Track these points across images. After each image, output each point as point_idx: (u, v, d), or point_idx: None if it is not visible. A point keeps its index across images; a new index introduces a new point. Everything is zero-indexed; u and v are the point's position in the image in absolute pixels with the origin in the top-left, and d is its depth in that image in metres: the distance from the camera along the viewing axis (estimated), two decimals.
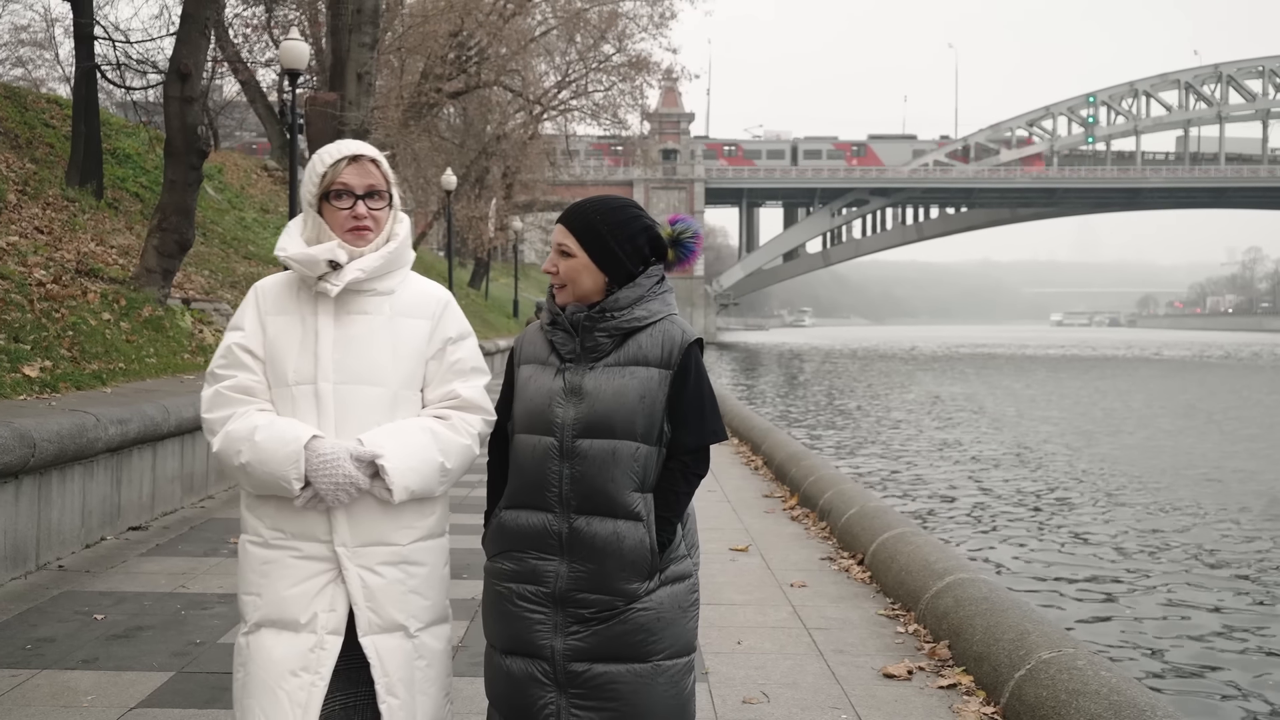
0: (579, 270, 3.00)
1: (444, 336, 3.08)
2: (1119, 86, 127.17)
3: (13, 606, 6.16)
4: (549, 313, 3.07)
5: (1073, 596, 11.58)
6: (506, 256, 68.14)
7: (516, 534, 3.00)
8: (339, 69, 19.41)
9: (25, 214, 14.02)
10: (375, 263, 2.96)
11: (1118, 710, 4.10)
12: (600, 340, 2.97)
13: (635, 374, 2.94)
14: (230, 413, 2.93)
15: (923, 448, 25.28)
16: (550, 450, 2.94)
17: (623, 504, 2.92)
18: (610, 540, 2.91)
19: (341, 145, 2.99)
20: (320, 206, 2.98)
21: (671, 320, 3.03)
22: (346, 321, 2.97)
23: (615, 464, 2.91)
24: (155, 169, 22.38)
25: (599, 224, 3.00)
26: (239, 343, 2.98)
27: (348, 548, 2.92)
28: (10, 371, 8.27)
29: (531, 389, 3.01)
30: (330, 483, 2.82)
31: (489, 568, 3.11)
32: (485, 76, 43.15)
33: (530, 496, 2.98)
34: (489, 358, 30.17)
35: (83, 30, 18.83)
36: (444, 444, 2.98)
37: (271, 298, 3.03)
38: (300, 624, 2.90)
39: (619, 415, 2.91)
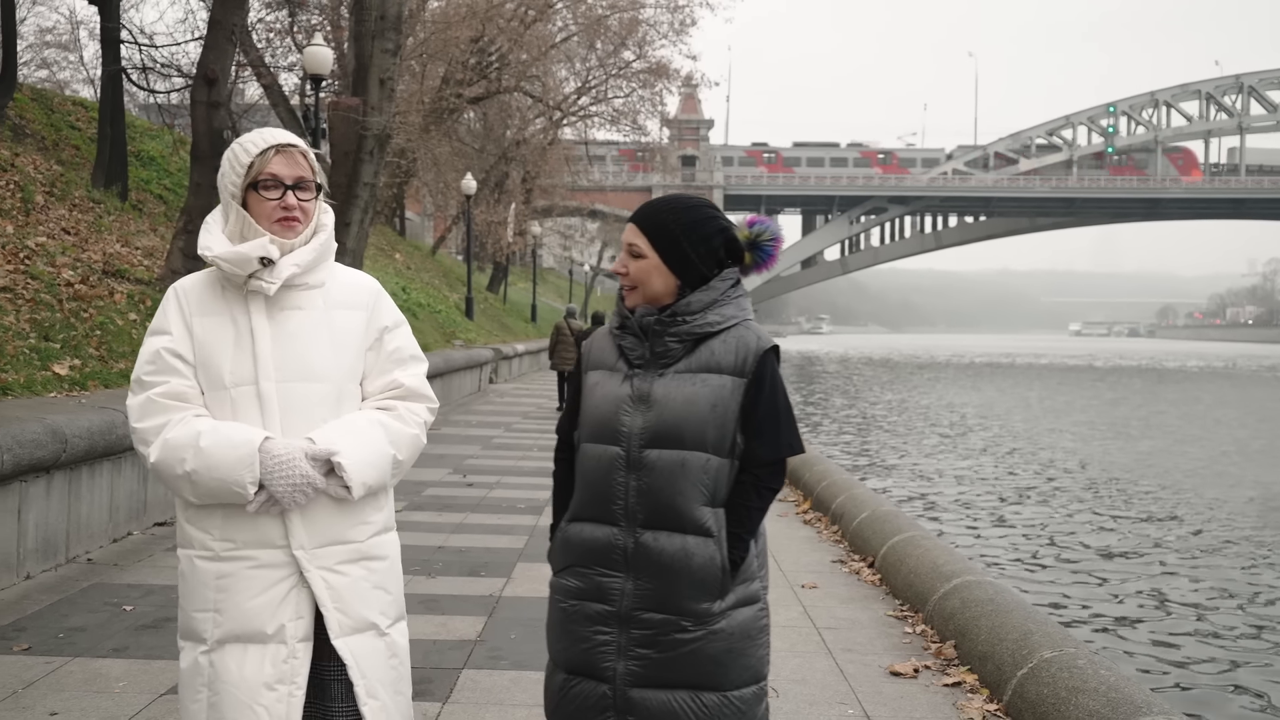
0: (649, 272, 2.87)
1: (380, 325, 2.99)
2: (1139, 96, 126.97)
3: (45, 597, 6.34)
4: (617, 315, 2.96)
5: (1078, 599, 11.70)
6: (525, 261, 68.30)
7: (581, 549, 2.88)
8: (361, 74, 19.58)
9: (53, 215, 14.23)
10: (308, 256, 2.87)
11: (1115, 706, 4.23)
12: (671, 345, 2.84)
13: (707, 381, 2.81)
14: (165, 420, 2.78)
15: (936, 454, 25.35)
16: (616, 460, 2.82)
17: (692, 518, 2.78)
18: (678, 556, 2.78)
19: (267, 134, 2.88)
20: (245, 198, 2.85)
21: (746, 326, 2.89)
22: (281, 318, 2.85)
23: (684, 476, 2.77)
24: (178, 171, 22.64)
25: (672, 224, 2.87)
26: (166, 347, 2.83)
27: (306, 550, 2.81)
28: (41, 369, 8.46)
29: (598, 396, 2.89)
30: (287, 484, 2.72)
31: (554, 584, 2.98)
32: (506, 82, 43.34)
33: (595, 509, 2.86)
34: (506, 362, 30.35)
35: (109, 34, 19.09)
36: (394, 436, 2.91)
37: (195, 299, 2.88)
38: (268, 635, 2.79)
39: (689, 424, 2.77)
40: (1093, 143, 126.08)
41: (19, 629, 5.71)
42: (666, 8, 47.26)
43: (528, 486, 11.24)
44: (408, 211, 52.24)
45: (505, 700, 4.93)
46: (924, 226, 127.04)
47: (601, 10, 46.15)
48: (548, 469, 12.48)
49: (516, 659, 5.52)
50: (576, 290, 78.70)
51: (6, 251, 11.04)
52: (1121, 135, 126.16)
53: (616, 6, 46.13)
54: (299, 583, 2.81)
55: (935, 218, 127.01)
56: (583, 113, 50.20)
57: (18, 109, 19.05)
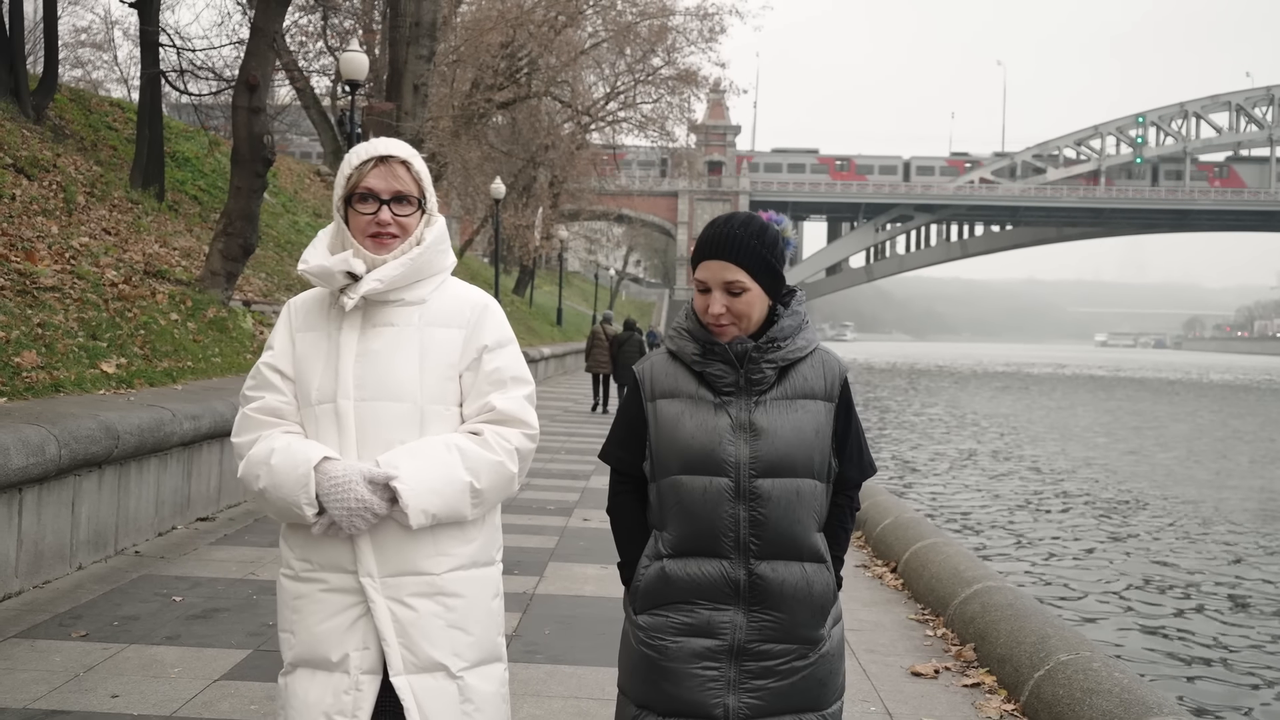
0: (753, 305, 2.79)
1: (479, 345, 2.83)
2: (1169, 107, 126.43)
3: (97, 587, 6.60)
4: (697, 343, 2.83)
5: (1097, 602, 11.84)
6: (551, 264, 68.62)
7: (687, 585, 2.77)
8: (395, 80, 19.90)
9: (93, 215, 14.53)
10: (395, 272, 2.75)
11: (1127, 707, 4.42)
12: (766, 372, 2.78)
13: (807, 408, 2.79)
14: (255, 436, 2.77)
15: (956, 461, 25.46)
16: (724, 492, 2.73)
17: (809, 546, 2.77)
18: (800, 585, 2.75)
19: (372, 145, 2.81)
20: (346, 211, 2.80)
21: (825, 350, 2.90)
22: (371, 335, 2.77)
23: (800, 504, 2.75)
24: (213, 172, 23.00)
25: (758, 247, 2.78)
26: (268, 362, 2.83)
27: (374, 578, 2.70)
28: (89, 368, 8.73)
29: (690, 426, 2.77)
30: (343, 508, 2.62)
31: (646, 623, 2.82)
32: (535, 87, 43.69)
33: (701, 543, 2.76)
34: (532, 365, 30.60)
35: (148, 38, 19.42)
36: (473, 462, 2.72)
37: (302, 314, 2.87)
38: (333, 663, 2.71)
39: (799, 452, 2.75)
40: (1121, 153, 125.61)
41: (75, 616, 5.97)
42: (696, 15, 47.58)
43: (557, 489, 11.46)
44: None
45: (542, 692, 5.15)
46: (950, 235, 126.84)
47: (631, 17, 46.45)
48: (576, 471, 12.78)
49: (551, 653, 5.74)
50: (601, 294, 78.97)
51: (53, 251, 11.33)
52: (1150, 146, 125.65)
53: (646, 13, 46.43)
54: (367, 612, 2.71)
55: (962, 226, 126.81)
56: (611, 118, 50.49)
57: (57, 109, 19.42)
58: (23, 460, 6.02)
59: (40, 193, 13.60)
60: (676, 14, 47.57)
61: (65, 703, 4.67)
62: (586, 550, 8.39)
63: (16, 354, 8.06)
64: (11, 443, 5.95)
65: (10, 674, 4.99)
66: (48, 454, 6.26)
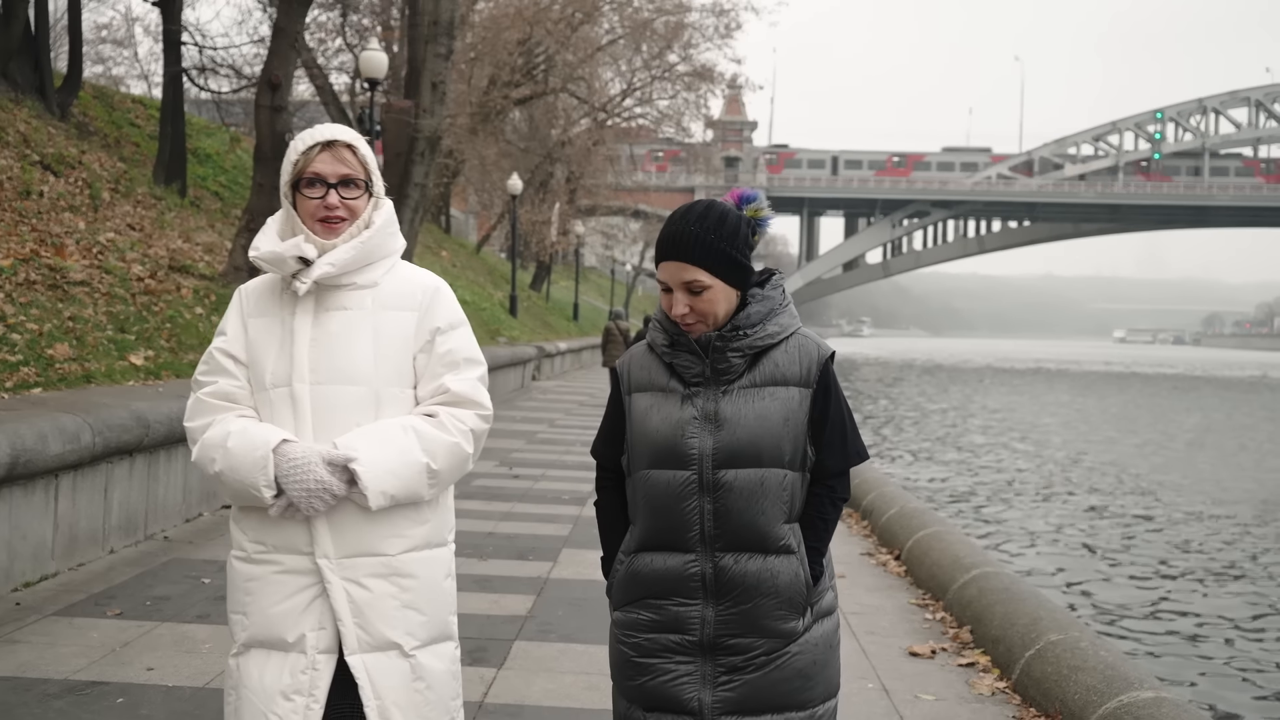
0: (717, 301, 2.74)
1: (431, 327, 2.86)
2: (1187, 103, 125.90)
3: (129, 569, 6.88)
4: (666, 334, 2.80)
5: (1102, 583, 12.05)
6: (567, 260, 68.89)
7: (653, 580, 2.76)
8: (414, 78, 20.16)
9: (118, 211, 14.83)
10: (346, 255, 2.78)
11: (1109, 682, 4.65)
12: (733, 361, 2.73)
13: (775, 395, 2.72)
14: (209, 420, 2.79)
15: (966, 454, 25.64)
16: (688, 485, 2.70)
17: (774, 537, 2.71)
18: (764, 577, 2.70)
19: (316, 130, 2.82)
20: (294, 197, 2.82)
21: (803, 334, 2.83)
22: (325, 319, 2.80)
23: (764, 495, 2.69)
24: (233, 169, 23.32)
25: (715, 240, 2.71)
26: (220, 347, 2.85)
27: (330, 559, 2.74)
28: (119, 360, 9.02)
29: (656, 420, 2.76)
30: (301, 489, 2.65)
31: (619, 619, 2.85)
32: (552, 83, 43.95)
33: (667, 537, 2.75)
34: (549, 360, 30.87)
35: (171, 36, 19.78)
36: (429, 443, 2.77)
37: (254, 300, 2.88)
38: (289, 644, 2.75)
39: (765, 441, 2.69)
40: (1139, 149, 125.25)
41: (109, 596, 6.25)
42: (712, 11, 47.70)
43: (571, 479, 11.72)
44: (452, 209, 52.93)
45: (554, 668, 5.41)
46: (967, 230, 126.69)
47: (648, 13, 46.62)
48: (589, 463, 13.00)
49: (564, 632, 5.99)
50: (618, 290, 79.22)
51: (81, 247, 11.63)
52: (1169, 142, 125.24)
53: (663, 10, 46.59)
54: (323, 593, 2.75)
55: (979, 222, 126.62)
56: (628, 114, 50.71)
57: (81, 106, 19.72)
58: (60, 447, 6.30)
59: (67, 189, 13.90)
60: (693, 10, 47.73)
61: (105, 674, 4.95)
62: (598, 538, 8.64)
63: (49, 346, 8.35)
64: (50, 430, 6.23)
65: (52, 648, 5.27)
66: (83, 442, 6.55)
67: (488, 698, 4.94)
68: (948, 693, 5.31)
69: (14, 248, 10.21)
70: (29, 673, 4.91)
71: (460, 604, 3.11)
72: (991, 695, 5.27)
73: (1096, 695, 4.61)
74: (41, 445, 6.12)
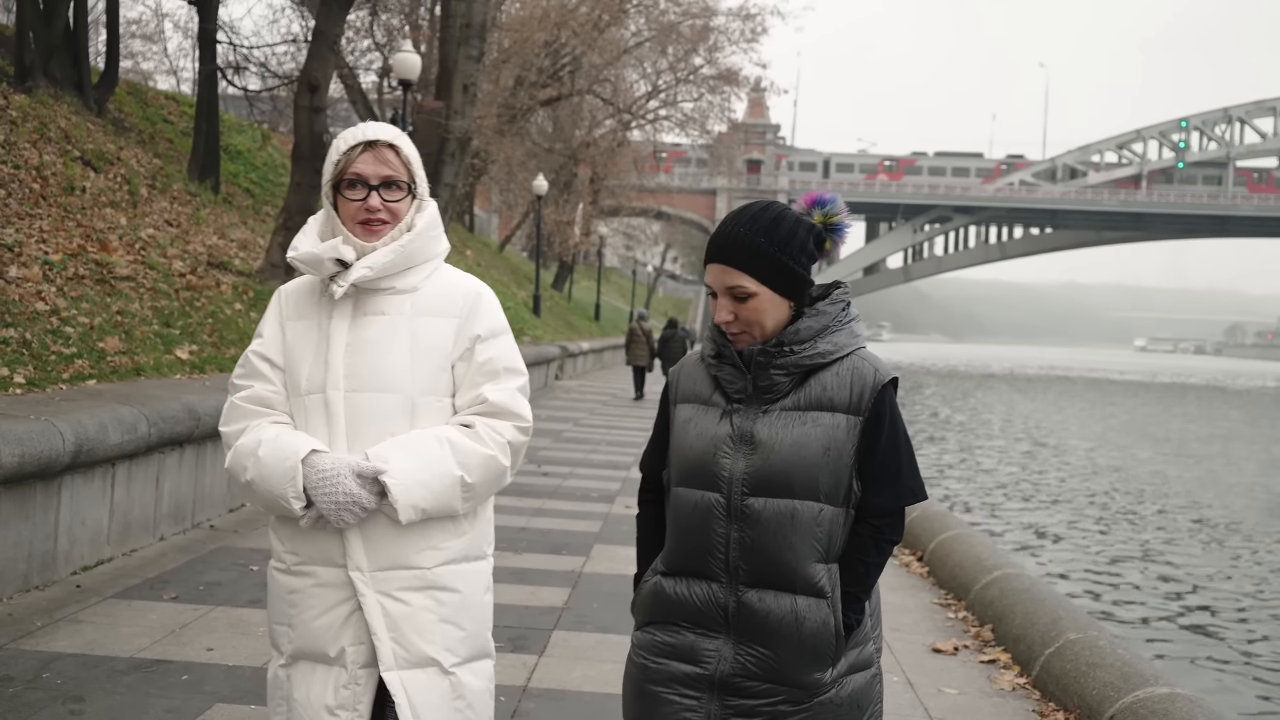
0: (763, 310, 2.53)
1: (471, 334, 2.76)
2: (1213, 111, 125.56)
3: (180, 556, 7.15)
4: (713, 344, 2.62)
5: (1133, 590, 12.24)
6: (590, 260, 69.19)
7: (674, 604, 2.58)
8: (445, 79, 20.44)
9: (156, 207, 15.11)
10: (385, 259, 2.69)
11: (1126, 678, 4.87)
12: (777, 379, 2.52)
13: (819, 420, 2.49)
14: (243, 426, 2.74)
15: (985, 457, 25.80)
16: (715, 508, 2.51)
17: (803, 577, 2.48)
18: (787, 620, 2.47)
19: (359, 130, 2.74)
20: (335, 197, 2.74)
21: (861, 355, 2.56)
22: (362, 324, 2.71)
23: (794, 529, 2.46)
24: (264, 165, 23.64)
25: (767, 247, 2.50)
26: (257, 351, 2.80)
27: (364, 573, 2.66)
28: (165, 353, 9.29)
29: (692, 434, 2.58)
30: (330, 501, 2.57)
31: (637, 639, 2.70)
32: (578, 85, 44.24)
33: (691, 562, 2.57)
34: (572, 360, 31.13)
35: (207, 35, 20.10)
36: (464, 456, 2.67)
37: (292, 302, 2.82)
38: (330, 658, 2.69)
39: (799, 470, 2.46)
40: (1163, 158, 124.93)
41: (164, 581, 6.51)
42: (738, 15, 47.98)
43: (599, 478, 11.96)
44: (475, 208, 53.29)
45: (592, 656, 5.65)
46: (989, 237, 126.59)
47: (674, 16, 46.91)
48: (616, 462, 13.32)
49: (600, 624, 6.23)
50: (639, 290, 79.49)
51: (124, 242, 11.91)
52: (1193, 151, 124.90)
53: (689, 13, 46.88)
54: (359, 606, 2.68)
55: (1000, 228, 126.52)
56: (652, 116, 50.98)
57: (116, 103, 20.03)
58: (119, 437, 6.57)
59: (107, 185, 14.19)
60: (719, 14, 48.03)
61: (167, 654, 5.21)
62: (629, 534, 8.80)
63: (100, 339, 8.62)
64: (109, 421, 6.50)
65: (114, 629, 5.53)
66: (139, 432, 6.81)
67: (531, 683, 5.18)
68: (970, 687, 5.53)
69: (62, 243, 10.49)
70: (96, 650, 5.17)
71: (499, 595, 3.25)
72: (1012, 690, 5.49)
73: (1113, 691, 4.82)
74: (102, 435, 6.39)
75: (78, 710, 4.44)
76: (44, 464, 5.86)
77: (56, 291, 9.06)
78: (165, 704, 4.58)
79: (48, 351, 7.82)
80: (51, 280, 9.25)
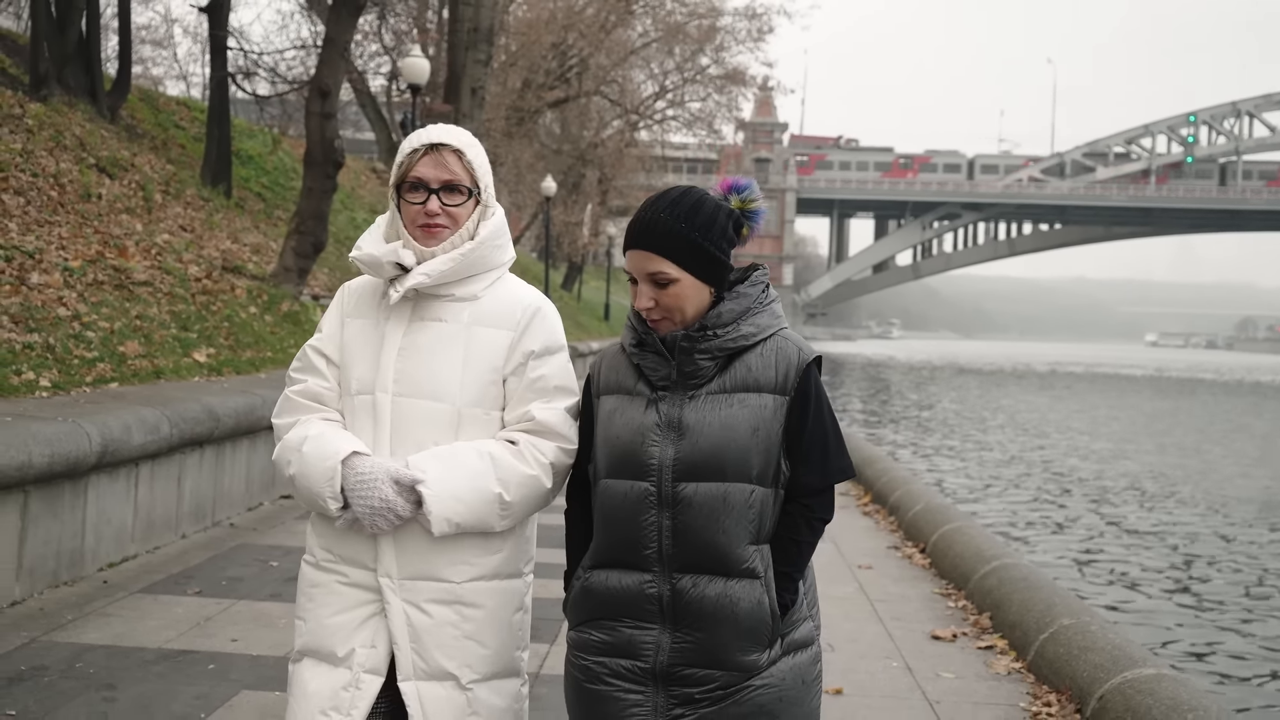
0: (685, 296, 2.52)
1: (526, 350, 2.71)
2: (1221, 106, 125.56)
3: (201, 553, 7.37)
4: (634, 332, 2.61)
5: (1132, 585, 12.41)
6: (598, 260, 69.46)
7: (606, 599, 2.55)
8: (454, 83, 20.67)
9: (170, 212, 15.35)
10: (442, 267, 2.65)
11: (1115, 660, 5.06)
12: (701, 363, 2.51)
13: (745, 402, 2.48)
14: (294, 420, 2.73)
15: (992, 453, 25.94)
16: (646, 497, 2.48)
17: (736, 559, 2.47)
18: (722, 603, 2.47)
19: (424, 133, 2.71)
20: (399, 200, 2.70)
21: (784, 336, 2.56)
22: (417, 329, 2.69)
23: (726, 512, 2.45)
24: (275, 170, 23.87)
25: (686, 230, 2.49)
26: (315, 346, 2.78)
27: (392, 579, 2.64)
28: (183, 356, 9.52)
29: (618, 424, 2.56)
30: (366, 506, 2.55)
31: (572, 639, 2.65)
32: (585, 86, 44.48)
33: (622, 554, 2.54)
34: (582, 359, 31.32)
35: (218, 42, 20.34)
36: (504, 473, 2.61)
37: (355, 299, 2.80)
38: (337, 657, 2.66)
39: (729, 453, 2.45)
40: (1172, 152, 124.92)
41: (187, 576, 6.73)
42: (744, 15, 48.20)
43: None
44: None
45: None
46: (998, 233, 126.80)
47: (680, 17, 47.13)
48: None
49: None
50: None
51: (140, 248, 12.14)
52: (1202, 145, 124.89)
53: (695, 13, 47.10)
54: (382, 611, 2.66)
55: (1010, 224, 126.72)
56: (659, 116, 51.21)
57: (129, 109, 20.28)
58: (142, 438, 6.79)
59: (122, 191, 14.42)
60: (725, 14, 48.25)
61: (194, 644, 5.43)
62: None
63: (121, 343, 8.85)
64: (133, 422, 6.73)
65: (142, 621, 5.75)
66: (162, 433, 7.04)
67: (543, 669, 5.40)
68: (967, 671, 5.73)
69: (81, 249, 10.72)
70: (125, 642, 5.39)
71: None
72: (1007, 674, 5.68)
73: (1103, 672, 5.02)
74: (126, 436, 6.61)
75: (110, 697, 4.66)
76: (72, 464, 6.08)
77: (77, 297, 9.29)
78: (193, 691, 4.80)
79: (70, 355, 8.05)
80: (72, 286, 9.48)
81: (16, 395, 6.90)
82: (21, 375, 7.20)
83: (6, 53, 17.36)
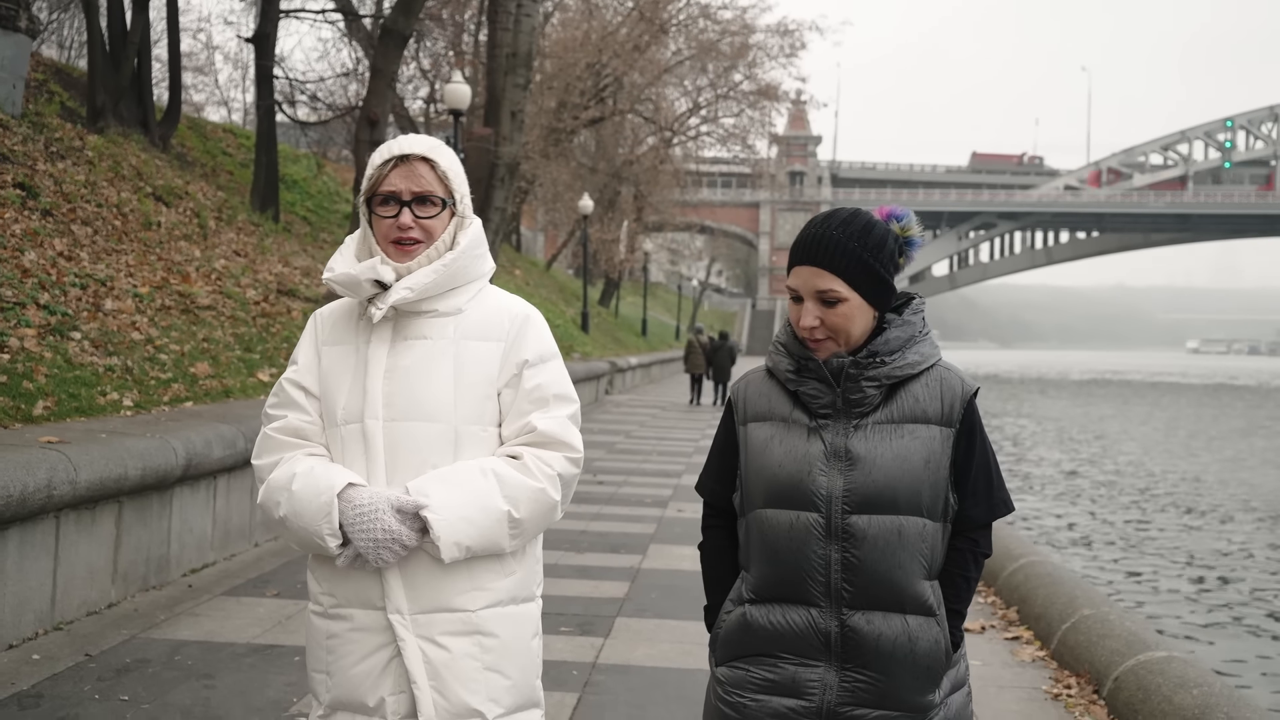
0: (852, 317, 2.44)
1: (519, 360, 2.60)
2: (1258, 110, 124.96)
3: (275, 560, 7.88)
4: (792, 358, 2.51)
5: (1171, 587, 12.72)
6: (635, 276, 70.01)
7: (770, 635, 2.44)
8: (494, 107, 21.22)
9: (224, 238, 15.93)
10: (426, 279, 2.53)
11: (1130, 645, 5.46)
12: (868, 391, 2.43)
13: (916, 433, 2.41)
14: (276, 459, 2.57)
15: (1027, 458, 26.19)
16: (813, 529, 2.39)
17: (913, 595, 2.39)
18: (900, 642, 2.37)
19: (393, 144, 2.60)
20: (370, 215, 2.58)
21: (945, 366, 2.50)
22: (402, 349, 2.56)
23: (902, 546, 2.38)
24: (319, 194, 24.52)
25: (860, 251, 2.43)
26: (291, 378, 2.64)
27: (404, 615, 2.49)
28: (248, 376, 10.05)
29: (778, 453, 2.46)
30: (368, 539, 2.41)
31: (724, 676, 2.52)
32: (620, 105, 45.08)
33: (786, 588, 2.44)
34: (620, 374, 31.83)
35: (264, 71, 20.99)
36: (511, 489, 2.50)
37: (329, 326, 2.66)
38: (369, 708, 2.53)
39: (903, 485, 2.38)
40: (1209, 158, 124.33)
41: (265, 580, 7.23)
42: (776, 31, 48.81)
43: (652, 485, 12.62)
44: (521, 226, 54.29)
45: (653, 638, 6.29)
46: (1035, 242, 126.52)
47: (713, 34, 47.71)
48: (668, 470, 14.06)
49: (658, 611, 6.87)
50: (685, 305, 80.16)
51: (200, 273, 12.72)
52: (1239, 150, 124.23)
53: (728, 31, 47.68)
54: (399, 652, 2.51)
55: (1046, 233, 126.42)
56: (694, 133, 51.75)
57: (179, 138, 20.96)
58: (221, 452, 7.30)
59: (179, 219, 15.02)
60: (758, 31, 48.87)
61: (278, 640, 5.91)
62: (683, 535, 9.51)
63: (191, 365, 9.39)
64: (213, 438, 7.24)
65: (228, 620, 6.24)
66: (237, 447, 7.54)
67: (599, 659, 5.83)
68: (993, 659, 6.13)
69: (147, 276, 11.29)
70: (216, 638, 5.88)
71: (564, 588, 3.55)
72: (1032, 662, 6.08)
73: (1119, 657, 5.41)
74: (208, 450, 7.12)
75: (210, 685, 5.14)
76: (160, 476, 6.59)
77: (149, 322, 9.84)
78: (284, 679, 5.27)
79: (147, 377, 8.59)
80: (143, 311, 10.03)
81: (104, 414, 7.44)
82: (107, 396, 7.74)
83: (63, 86, 18.02)
